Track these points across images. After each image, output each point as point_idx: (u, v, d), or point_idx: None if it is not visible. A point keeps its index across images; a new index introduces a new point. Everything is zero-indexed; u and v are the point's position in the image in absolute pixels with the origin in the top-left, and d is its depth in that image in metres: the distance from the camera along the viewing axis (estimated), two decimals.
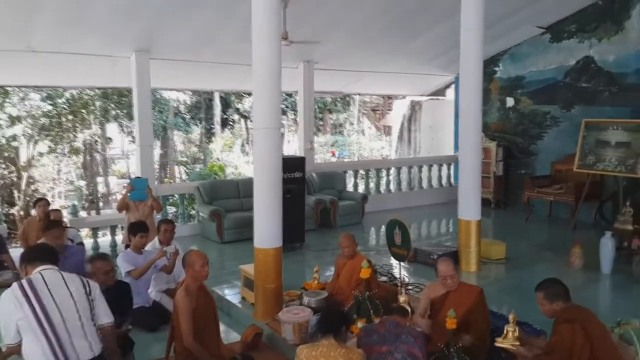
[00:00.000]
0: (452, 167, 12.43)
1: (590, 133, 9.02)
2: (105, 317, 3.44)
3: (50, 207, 7.49)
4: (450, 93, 13.66)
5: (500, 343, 3.75)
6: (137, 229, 5.72)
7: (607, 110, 9.41)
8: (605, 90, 9.57)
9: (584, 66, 9.86)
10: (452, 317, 3.72)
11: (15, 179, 17.75)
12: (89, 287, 3.35)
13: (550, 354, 3.52)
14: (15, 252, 7.45)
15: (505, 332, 3.75)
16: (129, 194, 7.13)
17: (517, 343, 3.68)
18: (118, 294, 4.46)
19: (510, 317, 3.75)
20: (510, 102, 11.32)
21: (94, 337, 3.29)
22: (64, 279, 3.26)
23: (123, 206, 7.19)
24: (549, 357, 3.52)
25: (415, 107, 14.27)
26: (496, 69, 11.50)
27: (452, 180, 12.42)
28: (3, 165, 17.69)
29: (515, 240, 8.39)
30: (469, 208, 6.99)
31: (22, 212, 16.04)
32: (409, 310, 4.20)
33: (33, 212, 7.37)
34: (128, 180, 8.12)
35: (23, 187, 17.30)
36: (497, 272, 7.02)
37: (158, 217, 7.68)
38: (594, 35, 9.63)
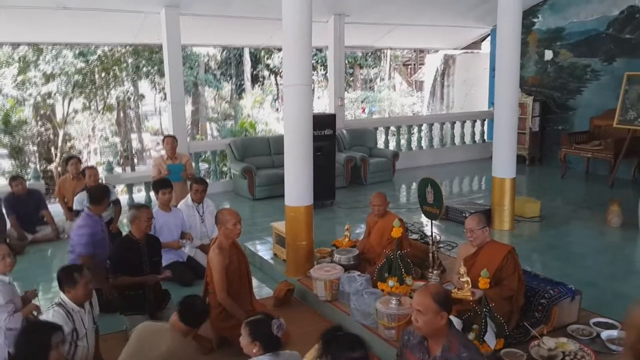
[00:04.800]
0: (486, 123, 12.14)
1: (632, 87, 8.66)
2: None
3: (82, 164, 7.59)
4: (485, 46, 13.24)
5: (455, 294, 3.84)
6: (158, 186, 5.78)
7: None
8: None
9: (629, 16, 9.36)
10: (485, 277, 3.67)
11: (52, 136, 18.14)
12: None
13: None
14: (54, 207, 7.68)
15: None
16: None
17: (469, 293, 3.84)
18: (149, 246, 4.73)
19: (462, 270, 3.90)
20: (548, 55, 10.89)
21: None
22: None
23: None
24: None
25: (448, 61, 13.89)
26: (535, 20, 11.02)
27: (485, 136, 12.16)
28: (40, 123, 18.05)
29: (550, 198, 8.23)
30: (504, 165, 6.85)
31: (59, 169, 16.45)
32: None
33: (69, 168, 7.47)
34: (162, 137, 8.22)
35: (60, 143, 17.68)
36: (531, 230, 6.93)
37: None
38: None
